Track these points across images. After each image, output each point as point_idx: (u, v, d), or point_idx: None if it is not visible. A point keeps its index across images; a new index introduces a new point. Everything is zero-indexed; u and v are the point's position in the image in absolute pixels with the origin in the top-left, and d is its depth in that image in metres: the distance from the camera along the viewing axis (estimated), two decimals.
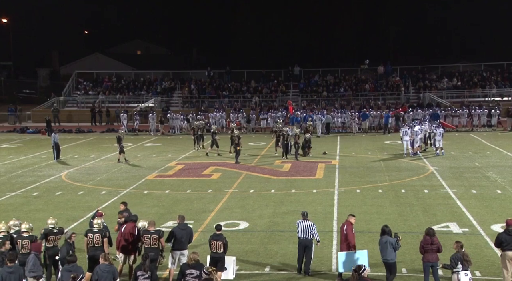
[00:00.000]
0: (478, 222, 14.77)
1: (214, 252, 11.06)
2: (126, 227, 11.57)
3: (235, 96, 45.32)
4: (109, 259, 9.74)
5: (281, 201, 17.67)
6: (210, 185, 20.37)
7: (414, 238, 12.25)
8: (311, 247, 11.68)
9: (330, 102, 42.02)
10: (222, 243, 11.04)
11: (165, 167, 24.41)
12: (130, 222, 11.69)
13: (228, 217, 15.91)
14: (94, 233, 11.21)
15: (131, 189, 19.97)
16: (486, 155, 25.59)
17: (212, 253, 11.10)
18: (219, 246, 11.01)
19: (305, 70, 48.23)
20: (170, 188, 20.05)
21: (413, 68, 46.67)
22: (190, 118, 38.01)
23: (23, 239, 10.86)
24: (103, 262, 9.69)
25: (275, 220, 15.56)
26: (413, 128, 26.12)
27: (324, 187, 19.66)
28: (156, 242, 11.09)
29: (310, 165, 24.13)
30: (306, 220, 11.86)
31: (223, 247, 11.04)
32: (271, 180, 21.12)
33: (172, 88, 47.60)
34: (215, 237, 11.11)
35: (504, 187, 18.85)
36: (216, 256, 11.04)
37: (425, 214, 15.70)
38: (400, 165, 23.53)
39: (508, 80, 44.13)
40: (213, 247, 11.04)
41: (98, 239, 11.11)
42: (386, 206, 16.75)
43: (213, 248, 11.05)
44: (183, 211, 16.43)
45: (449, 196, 17.73)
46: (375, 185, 19.71)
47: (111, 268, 9.65)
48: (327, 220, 15.42)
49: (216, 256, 11.04)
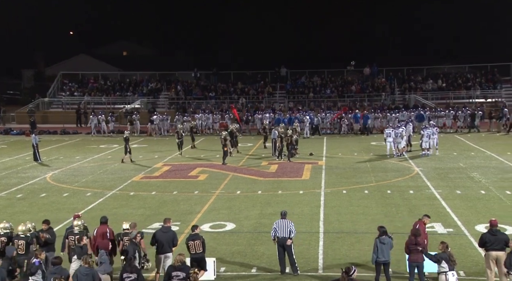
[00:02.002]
0: (463, 223, 14.92)
1: (193, 253, 11.00)
2: (98, 230, 11.56)
3: (221, 97, 45.29)
4: (89, 262, 9.68)
5: (268, 202, 17.68)
6: (196, 186, 20.32)
7: (399, 239, 12.33)
8: (290, 246, 11.70)
9: (317, 103, 42.18)
10: (200, 242, 10.99)
11: (152, 168, 24.31)
12: (102, 224, 11.68)
13: (215, 218, 15.88)
14: (75, 234, 11.20)
15: (117, 191, 19.85)
16: (470, 156, 25.85)
17: (191, 255, 11.02)
18: (198, 245, 10.95)
19: (292, 71, 48.35)
20: (156, 189, 19.96)
21: (399, 70, 47.02)
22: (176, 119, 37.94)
23: (19, 240, 10.95)
24: (84, 265, 9.63)
25: (261, 221, 15.57)
26: (397, 129, 26.31)
27: (311, 188, 19.71)
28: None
29: (296, 166, 24.17)
30: (285, 219, 11.89)
31: (201, 246, 10.98)
32: (258, 181, 21.12)
33: (159, 89, 47.44)
34: (192, 237, 11.07)
35: (488, 187, 19.06)
36: (196, 257, 10.98)
37: (410, 215, 15.81)
38: (386, 166, 23.68)
39: (492, 81, 44.67)
40: (192, 248, 10.98)
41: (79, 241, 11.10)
42: (372, 207, 16.84)
43: (192, 249, 10.99)
44: (169, 212, 16.40)
45: (434, 197, 17.88)
46: (361, 186, 19.81)
47: (91, 271, 9.60)
48: (314, 221, 15.46)
49: (196, 257, 10.98)
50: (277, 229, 11.77)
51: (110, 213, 16.69)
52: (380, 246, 10.75)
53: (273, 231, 11.82)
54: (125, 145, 25.69)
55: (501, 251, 10.74)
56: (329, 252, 12.99)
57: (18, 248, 10.89)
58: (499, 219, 12.30)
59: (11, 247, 10.77)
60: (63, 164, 25.74)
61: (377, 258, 10.79)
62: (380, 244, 10.76)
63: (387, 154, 25.98)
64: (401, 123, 29.33)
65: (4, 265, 10.27)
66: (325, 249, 13.22)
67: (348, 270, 8.87)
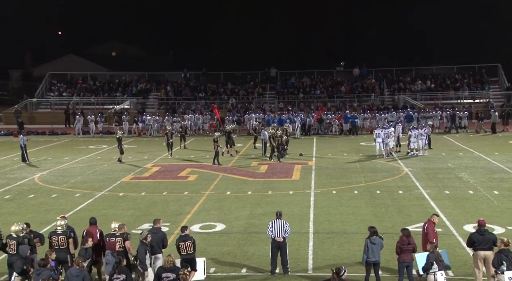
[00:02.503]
0: (451, 223, 15.02)
1: (184, 254, 10.98)
2: (87, 231, 11.53)
3: (211, 98, 45.24)
4: (80, 264, 9.63)
5: (258, 203, 17.69)
6: (186, 187, 20.28)
7: (389, 239, 12.40)
8: (285, 246, 11.72)
9: (306, 104, 42.27)
10: (191, 242, 10.99)
11: (141, 169, 24.23)
12: (91, 225, 11.64)
13: (205, 219, 15.85)
14: (58, 235, 11.15)
15: (106, 192, 19.75)
16: (458, 156, 26.04)
17: (182, 256, 11.00)
18: (189, 246, 10.95)
19: (282, 72, 48.42)
20: (146, 190, 19.89)
21: (388, 71, 47.25)
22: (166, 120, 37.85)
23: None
24: (75, 266, 9.58)
25: (251, 222, 15.57)
26: (387, 129, 26.44)
27: (301, 188, 19.74)
28: (121, 245, 10.98)
29: (286, 166, 24.20)
30: (280, 219, 11.91)
31: (192, 247, 10.99)
32: (247, 181, 21.11)
33: (148, 89, 47.27)
34: (183, 238, 11.06)
35: (476, 187, 19.21)
36: (188, 257, 10.97)
37: (399, 215, 15.90)
38: (375, 167, 23.79)
39: (480, 82, 45.03)
40: (183, 249, 10.97)
41: (63, 241, 11.07)
42: (362, 207, 16.91)
43: (183, 250, 10.97)
44: (159, 213, 16.36)
45: (423, 197, 17.99)
46: (351, 186, 19.88)
47: (82, 272, 9.55)
48: (304, 222, 15.49)
49: (188, 257, 10.97)
50: (271, 230, 11.78)
51: (99, 214, 16.61)
52: (371, 246, 10.79)
53: (269, 230, 11.83)
54: (118, 146, 25.57)
55: (489, 251, 10.83)
56: (319, 253, 13.02)
57: (10, 248, 10.81)
58: (487, 219, 12.40)
59: (25, 247, 10.73)
60: (51, 165, 25.56)
61: (368, 258, 10.83)
62: (370, 244, 10.80)
63: (377, 154, 26.10)
64: (390, 124, 29.48)
65: (19, 264, 10.24)
66: (315, 249, 13.25)
67: (339, 271, 8.91)
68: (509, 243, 10.22)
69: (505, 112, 36.26)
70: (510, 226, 14.58)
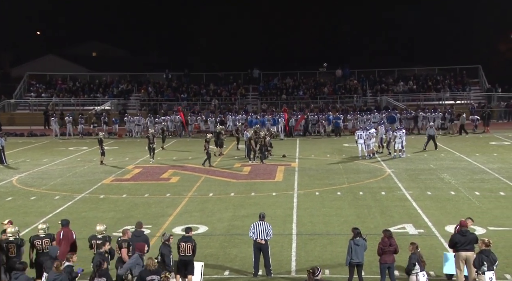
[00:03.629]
0: (433, 223, 15.18)
1: (183, 255, 10.99)
2: (62, 233, 11.37)
3: (194, 99, 45.13)
4: (59, 268, 9.52)
5: (241, 204, 17.69)
6: (168, 189, 20.20)
7: (372, 240, 12.49)
8: (267, 248, 11.72)
9: (289, 105, 42.40)
10: (192, 245, 11.00)
11: (122, 171, 24.08)
12: (64, 227, 11.50)
13: (187, 221, 15.79)
14: (41, 238, 11.00)
15: (86, 194, 19.59)
16: (440, 157, 26.33)
17: (180, 256, 11.01)
18: (188, 248, 10.96)
19: (264, 73, 48.48)
20: (127, 192, 19.77)
21: (370, 72, 47.61)
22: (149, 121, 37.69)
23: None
24: (53, 270, 9.48)
25: (234, 224, 15.56)
26: (368, 130, 26.62)
27: (284, 190, 19.79)
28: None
29: (269, 168, 24.23)
30: (263, 221, 11.91)
31: (192, 250, 10.99)
32: (230, 183, 21.11)
33: (129, 90, 46.99)
34: (185, 238, 11.07)
35: (458, 188, 19.45)
36: (185, 259, 10.97)
37: (382, 216, 16.03)
38: (358, 168, 23.94)
39: (461, 83, 45.61)
40: (182, 249, 10.98)
41: (48, 244, 10.91)
42: (345, 208, 17.01)
43: (182, 251, 10.99)
44: (140, 215, 16.26)
45: (406, 198, 18.15)
46: (334, 187, 19.98)
47: (60, 276, 9.45)
48: (287, 223, 15.52)
49: (185, 259, 10.97)
50: (254, 231, 11.77)
51: (79, 216, 16.48)
52: (354, 248, 10.85)
53: (250, 232, 11.82)
54: (100, 147, 25.33)
55: (470, 252, 10.95)
56: (302, 254, 13.05)
57: (9, 251, 10.68)
58: None
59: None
60: (30, 167, 25.25)
61: (351, 259, 10.88)
62: (354, 245, 10.86)
63: (359, 155, 26.27)
64: (372, 125, 29.64)
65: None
66: (298, 251, 13.28)
67: (314, 271, 9.09)
68: (490, 243, 10.35)
69: (486, 113, 36.66)
70: (491, 227, 14.79)
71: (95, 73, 51.44)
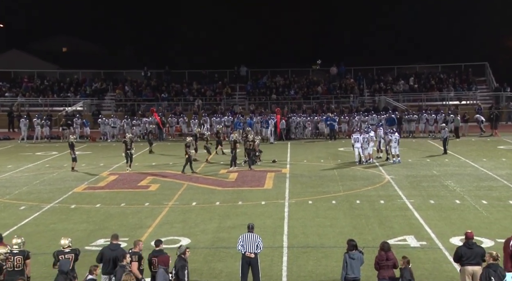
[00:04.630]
0: (437, 235, 15.26)
1: (155, 271, 10.96)
2: None
3: (175, 99, 45.06)
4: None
5: (227, 215, 17.69)
6: (147, 197, 20.15)
7: (370, 253, 12.52)
8: (256, 263, 11.69)
9: (280, 106, 42.48)
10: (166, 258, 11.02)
11: (96, 178, 23.98)
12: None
13: (168, 233, 15.76)
14: (14, 255, 10.79)
15: (55, 204, 19.47)
16: (444, 162, 26.51)
17: (153, 272, 11.01)
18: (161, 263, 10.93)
19: (253, 71, 48.56)
20: (101, 201, 19.70)
21: (368, 69, 47.87)
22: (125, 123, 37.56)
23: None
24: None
25: (220, 236, 15.55)
26: (368, 133, 26.73)
27: (274, 198, 19.82)
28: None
29: (258, 174, 24.24)
30: (252, 233, 11.89)
31: None
32: (215, 191, 21.10)
33: (104, 89, 46.83)
34: (157, 253, 11.06)
35: (463, 196, 19.59)
36: None
37: (381, 227, 16.09)
38: (355, 174, 24.03)
39: (466, 82, 45.95)
40: (155, 265, 10.96)
41: (20, 262, 10.74)
42: (340, 219, 17.06)
43: (155, 266, 10.97)
44: (116, 227, 16.20)
45: (406, 207, 18.25)
46: (328, 195, 20.04)
47: None
48: (277, 235, 15.53)
49: None
50: (243, 244, 11.74)
51: (47, 229, 16.36)
52: (350, 262, 10.85)
53: (239, 245, 11.79)
54: (71, 152, 25.18)
55: (477, 266, 10.97)
56: (293, 269, 13.07)
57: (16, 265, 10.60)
58: (475, 231, 12.61)
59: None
60: None
61: (346, 274, 10.87)
62: (349, 259, 10.86)
63: (356, 161, 26.37)
64: (371, 127, 29.77)
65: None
66: (290, 265, 13.29)
67: None
68: (498, 257, 10.40)
69: (494, 114, 36.82)
70: (499, 239, 14.87)
71: (65, 70, 51.18)
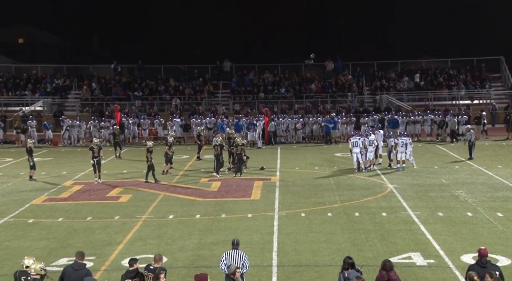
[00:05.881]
0: (446, 252, 15.32)
1: None
2: None
3: (150, 97, 44.98)
4: None
5: (209, 229, 17.68)
6: (117, 210, 20.10)
7: (369, 273, 12.54)
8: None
9: (269, 105, 42.55)
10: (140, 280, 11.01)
11: (58, 188, 23.89)
12: None
13: (141, 250, 15.70)
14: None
15: (10, 218, 19.35)
16: (454, 170, 26.67)
17: None
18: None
19: (238, 66, 48.63)
20: (64, 215, 19.61)
21: (368, 65, 48.07)
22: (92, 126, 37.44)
23: None
24: None
25: (200, 253, 15.53)
26: (366, 137, 26.83)
27: (262, 210, 19.83)
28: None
29: (244, 183, 24.25)
30: (236, 249, 11.90)
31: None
32: (195, 202, 21.08)
33: (67, 87, 46.64)
34: (131, 274, 11.07)
35: (476, 208, 19.70)
36: None
37: (383, 243, 16.13)
38: (353, 183, 24.11)
39: (479, 79, 46.26)
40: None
41: None
42: (337, 234, 17.09)
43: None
44: (81, 244, 16.13)
45: (412, 221, 18.32)
46: (323, 207, 20.08)
47: None
48: (265, 252, 15.53)
49: None
50: (226, 262, 11.73)
51: (1, 247, 16.21)
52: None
53: (222, 264, 11.77)
54: (29, 158, 25.06)
55: None
56: None
57: None
58: (490, 248, 12.70)
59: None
60: None
61: None
62: (344, 279, 10.88)
63: (355, 168, 26.45)
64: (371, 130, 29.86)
65: None
66: None
67: None
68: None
69: (510, 115, 37.10)
70: None
71: (22, 65, 51.03)
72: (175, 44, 61.78)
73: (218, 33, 62.75)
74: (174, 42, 62.21)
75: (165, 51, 60.09)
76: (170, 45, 61.77)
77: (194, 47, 60.41)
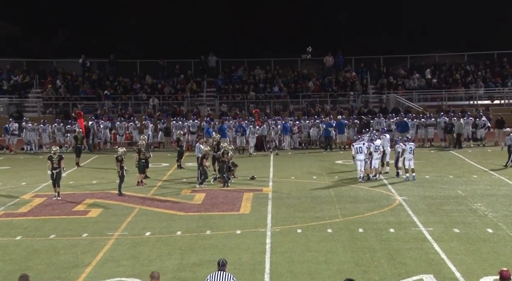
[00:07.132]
0: (463, 274, 15.35)
1: None
2: None
3: (123, 96, 44.94)
4: None
5: (191, 248, 17.67)
6: (85, 226, 20.05)
7: None
8: None
9: (260, 106, 42.63)
10: None
11: (16, 201, 23.83)
12: None
13: (113, 273, 15.66)
14: None
15: None
16: (472, 180, 26.77)
17: None
18: None
19: (225, 61, 48.75)
20: (23, 232, 19.55)
21: (374, 60, 48.22)
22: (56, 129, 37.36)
23: None
24: None
25: (182, 276, 15.51)
26: (371, 142, 26.89)
27: (252, 226, 19.83)
28: None
29: (232, 195, 24.26)
30: (223, 271, 11.90)
31: None
32: (176, 217, 21.08)
33: (27, 84, 46.58)
34: None
35: (497, 224, 19.76)
36: None
37: (391, 263, 16.14)
38: (357, 194, 24.15)
39: (500, 76, 46.48)
40: None
41: None
42: (338, 252, 17.09)
43: None
44: (43, 266, 16.10)
45: (424, 238, 18.34)
46: (322, 222, 20.09)
47: None
48: (257, 274, 15.53)
49: None
50: None
51: None
52: None
53: None
54: None
55: None
56: None
57: None
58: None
59: None
60: None
61: None
62: None
63: (358, 177, 26.49)
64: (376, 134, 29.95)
65: None
66: None
67: None
68: None
69: None
70: None
71: None
72: (153, 35, 61.74)
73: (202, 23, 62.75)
74: (152, 34, 62.17)
75: (141, 44, 60.03)
76: (147, 37, 61.73)
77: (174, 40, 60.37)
